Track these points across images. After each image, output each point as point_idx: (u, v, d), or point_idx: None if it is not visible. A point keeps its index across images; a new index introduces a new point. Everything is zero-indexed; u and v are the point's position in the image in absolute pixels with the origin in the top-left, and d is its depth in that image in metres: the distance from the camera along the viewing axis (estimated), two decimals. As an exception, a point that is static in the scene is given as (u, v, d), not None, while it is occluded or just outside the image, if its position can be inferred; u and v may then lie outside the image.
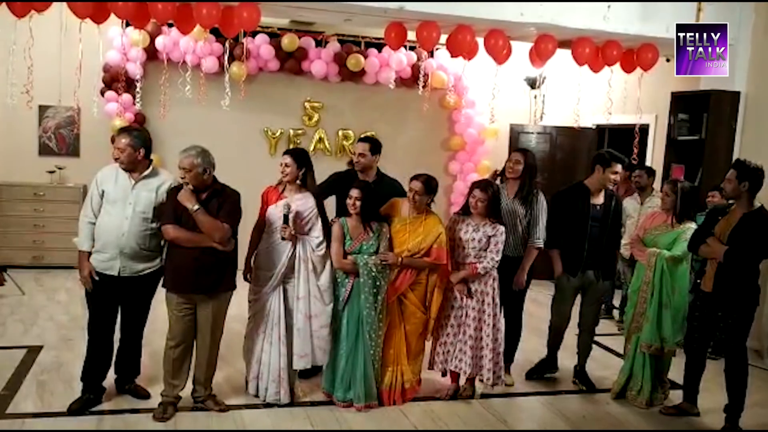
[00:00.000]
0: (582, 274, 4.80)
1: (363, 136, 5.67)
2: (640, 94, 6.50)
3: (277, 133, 8.14)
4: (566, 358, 5.13)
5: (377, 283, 4.27)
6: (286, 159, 4.26)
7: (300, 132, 8.23)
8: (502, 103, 7.15)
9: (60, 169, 7.62)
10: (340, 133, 8.35)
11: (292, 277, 4.23)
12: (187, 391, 4.17)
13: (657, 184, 6.50)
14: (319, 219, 4.28)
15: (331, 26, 7.90)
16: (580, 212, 4.74)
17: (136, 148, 3.96)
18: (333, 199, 4.80)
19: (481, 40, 6.11)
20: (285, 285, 4.25)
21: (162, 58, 7.04)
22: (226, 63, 6.30)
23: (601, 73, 6.50)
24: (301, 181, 4.28)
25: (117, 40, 6.95)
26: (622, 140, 7.46)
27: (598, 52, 6.28)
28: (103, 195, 3.99)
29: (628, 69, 6.48)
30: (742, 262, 4.15)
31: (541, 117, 8.88)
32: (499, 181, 4.88)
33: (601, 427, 4.40)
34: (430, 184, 4.41)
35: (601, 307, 5.37)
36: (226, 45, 5.98)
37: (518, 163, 4.78)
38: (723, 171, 4.42)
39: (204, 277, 3.92)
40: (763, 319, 5.63)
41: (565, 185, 5.14)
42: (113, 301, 4.08)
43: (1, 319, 5.77)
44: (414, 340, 4.49)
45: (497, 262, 4.45)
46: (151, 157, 4.13)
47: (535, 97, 8.86)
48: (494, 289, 4.51)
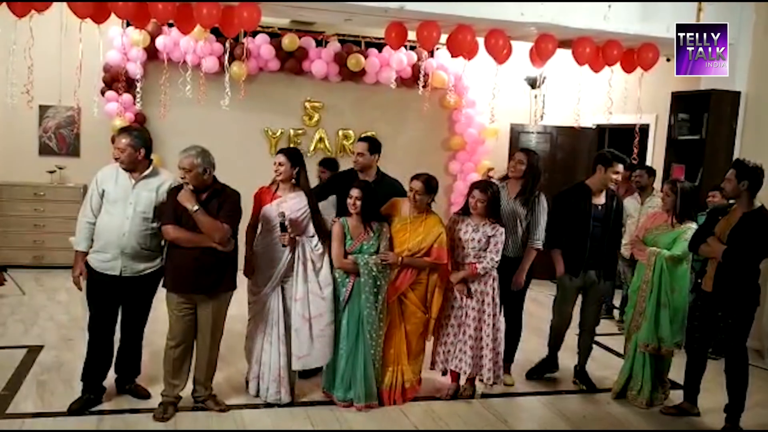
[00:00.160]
0: (584, 274, 4.80)
1: (363, 135, 5.67)
2: (641, 94, 6.49)
3: (278, 133, 8.14)
4: (567, 358, 5.13)
5: (378, 283, 4.27)
6: (280, 158, 4.26)
7: (300, 132, 8.24)
8: (502, 103, 7.15)
9: (60, 169, 7.63)
10: (341, 133, 8.35)
11: (291, 277, 4.23)
12: (187, 391, 4.17)
13: (657, 184, 6.50)
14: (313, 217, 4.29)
15: (332, 26, 7.90)
16: (582, 212, 4.73)
17: (137, 148, 3.96)
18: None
19: (481, 40, 6.11)
20: (283, 285, 4.26)
21: (162, 58, 7.04)
22: (226, 63, 6.30)
23: (601, 72, 6.50)
24: (295, 180, 4.28)
25: (117, 40, 6.96)
26: (622, 140, 7.45)
27: (598, 51, 6.28)
28: (103, 195, 3.99)
29: (628, 69, 6.47)
30: (741, 261, 4.14)
31: (542, 117, 8.87)
32: (500, 180, 4.87)
33: (602, 427, 4.40)
34: (430, 184, 4.41)
35: (602, 307, 5.36)
36: (227, 45, 5.98)
37: (521, 163, 4.77)
38: (723, 171, 4.41)
39: (204, 277, 3.92)
40: (764, 319, 5.63)
41: (565, 185, 5.14)
42: (114, 301, 4.08)
43: (2, 319, 5.78)
44: (414, 339, 4.49)
45: (497, 262, 4.44)
46: (152, 157, 4.13)
47: (536, 97, 8.86)
48: (494, 289, 4.50)
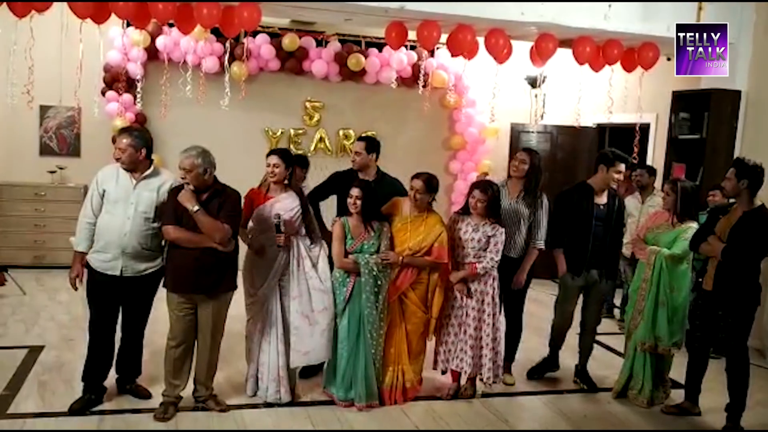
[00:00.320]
0: (586, 274, 4.79)
1: (362, 135, 5.67)
2: (641, 93, 6.48)
3: (278, 133, 8.13)
4: (567, 358, 5.13)
5: (378, 283, 4.27)
6: (275, 159, 4.22)
7: (301, 132, 8.23)
8: (502, 103, 7.14)
9: (61, 169, 7.63)
10: (341, 133, 8.35)
11: (287, 275, 4.24)
12: (188, 391, 4.17)
13: (658, 183, 6.50)
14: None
15: (332, 26, 7.90)
16: (584, 212, 4.73)
17: (138, 149, 3.96)
18: (333, 199, 4.82)
19: (481, 40, 6.10)
20: (281, 284, 4.26)
21: (163, 58, 7.04)
22: (226, 63, 6.30)
23: (601, 72, 6.49)
24: (287, 181, 4.28)
25: (118, 40, 6.95)
26: (622, 139, 7.44)
27: (598, 51, 6.27)
28: (104, 195, 3.99)
29: (628, 68, 6.47)
30: (740, 260, 4.14)
31: (542, 116, 8.87)
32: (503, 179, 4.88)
33: (603, 426, 4.40)
34: (431, 183, 4.41)
35: (603, 306, 5.36)
36: (227, 45, 5.98)
37: (524, 162, 4.77)
38: (724, 170, 4.41)
39: (204, 278, 3.92)
40: (765, 318, 5.62)
41: (566, 185, 5.14)
42: (114, 301, 4.08)
43: (3, 319, 5.78)
44: (415, 339, 4.49)
45: (497, 262, 4.44)
46: (152, 157, 4.13)
47: (536, 97, 8.85)
48: (494, 289, 4.50)
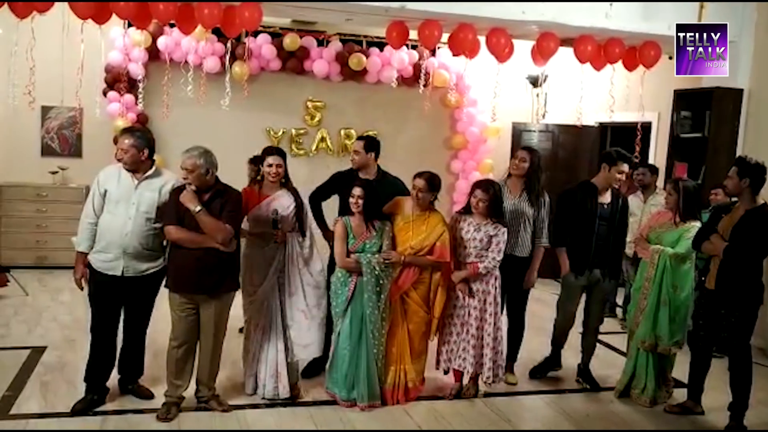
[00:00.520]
0: (588, 273, 4.79)
1: (361, 135, 5.66)
2: (643, 92, 6.46)
3: (279, 133, 8.14)
4: (570, 357, 5.12)
5: (380, 282, 4.26)
6: (277, 159, 4.24)
7: (302, 132, 8.23)
8: (504, 102, 7.14)
9: (63, 169, 7.63)
10: (342, 133, 8.35)
11: (284, 272, 4.26)
12: (190, 392, 4.17)
13: (660, 182, 6.49)
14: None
15: (333, 25, 7.90)
16: (587, 211, 4.72)
17: (140, 149, 3.96)
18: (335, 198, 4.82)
19: (482, 39, 6.10)
20: (279, 280, 4.29)
21: (164, 59, 7.05)
22: (227, 63, 6.30)
23: (603, 71, 6.48)
24: (284, 179, 4.31)
25: (119, 41, 6.96)
26: (624, 138, 7.43)
27: (600, 50, 6.26)
28: (105, 195, 3.99)
29: (630, 67, 6.46)
30: (742, 258, 4.13)
31: (544, 115, 8.87)
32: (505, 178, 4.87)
33: (605, 425, 4.39)
34: (433, 182, 4.40)
35: (606, 305, 5.34)
36: (228, 45, 5.97)
37: (524, 161, 4.77)
38: (726, 168, 4.39)
39: (206, 278, 3.91)
40: None
41: (567, 184, 5.13)
42: (116, 302, 4.07)
43: (5, 320, 5.78)
44: (417, 338, 4.48)
45: (498, 261, 4.44)
46: (154, 158, 4.13)
47: (537, 96, 8.85)
48: (496, 288, 4.50)
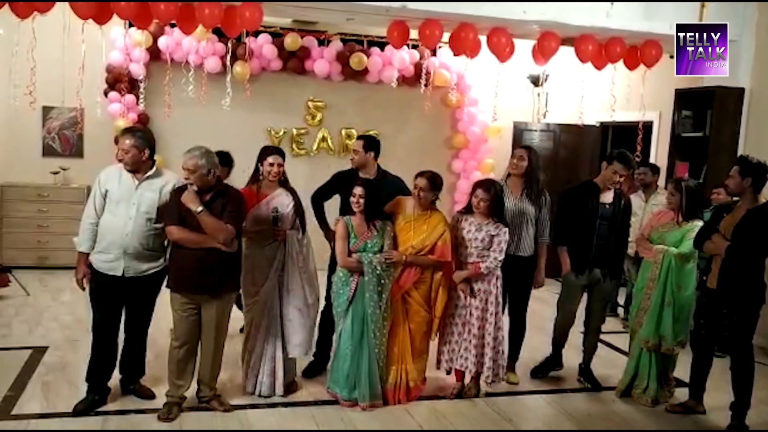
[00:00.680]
0: (589, 273, 4.79)
1: (361, 134, 5.66)
2: (644, 91, 6.46)
3: (280, 133, 8.13)
4: (571, 356, 5.12)
5: (382, 282, 4.26)
6: (278, 159, 4.29)
7: (303, 131, 8.23)
8: (505, 101, 7.14)
9: (64, 170, 7.63)
10: (343, 132, 8.33)
11: (284, 271, 4.28)
12: (191, 392, 4.17)
13: (661, 182, 6.48)
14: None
15: (334, 25, 7.89)
16: (589, 210, 4.72)
17: (141, 149, 3.96)
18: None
19: (483, 38, 6.10)
20: (279, 279, 4.30)
21: (165, 59, 7.05)
22: (228, 63, 6.30)
23: (604, 70, 6.48)
24: (284, 178, 4.35)
25: (120, 41, 6.97)
26: (625, 137, 7.43)
27: (601, 49, 6.26)
28: (106, 195, 3.99)
29: (631, 66, 6.45)
30: (745, 257, 4.13)
31: (545, 115, 8.86)
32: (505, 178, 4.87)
33: (607, 425, 4.39)
34: (435, 181, 4.40)
35: (607, 305, 5.34)
36: (229, 45, 5.98)
37: (522, 159, 4.77)
38: (727, 168, 4.39)
39: (208, 278, 3.91)
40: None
41: (569, 183, 5.14)
42: (117, 302, 4.08)
43: (6, 320, 5.78)
44: (418, 338, 4.48)
45: (500, 261, 4.43)
46: (155, 158, 4.13)
47: (539, 95, 8.85)
48: (497, 288, 4.49)
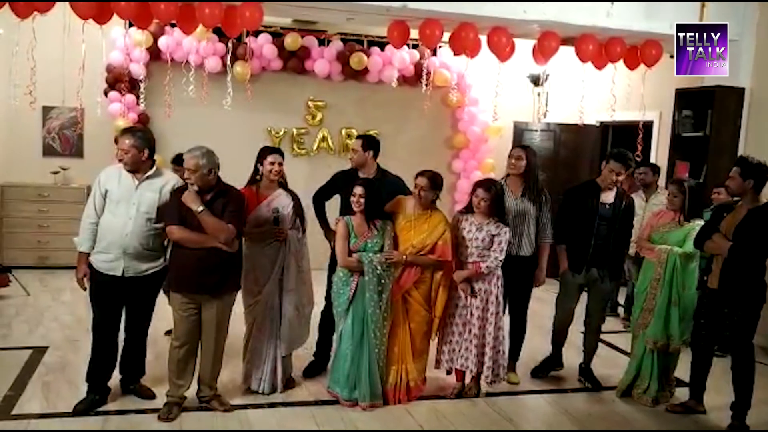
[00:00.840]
0: (586, 272, 4.78)
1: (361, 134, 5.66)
2: (644, 91, 6.46)
3: (281, 133, 8.13)
4: (571, 356, 5.12)
5: (382, 281, 4.26)
6: (278, 158, 4.33)
7: (303, 131, 8.23)
8: (505, 101, 7.13)
9: (64, 169, 7.63)
10: (344, 132, 8.33)
11: (284, 270, 4.30)
12: (192, 392, 4.17)
13: (662, 182, 6.48)
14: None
15: (334, 25, 7.89)
16: (588, 209, 4.72)
17: (141, 149, 3.96)
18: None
19: (484, 38, 6.10)
20: (280, 278, 4.32)
21: (165, 59, 7.05)
22: (228, 63, 6.30)
23: (604, 70, 6.48)
24: (283, 179, 4.38)
25: (120, 41, 6.97)
26: (626, 137, 7.43)
27: (601, 49, 6.26)
28: (106, 195, 3.99)
29: (631, 66, 6.45)
30: (747, 258, 4.13)
31: (545, 114, 8.86)
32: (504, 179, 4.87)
33: (607, 425, 4.39)
34: (435, 181, 4.40)
35: (607, 305, 5.33)
36: (229, 45, 5.98)
37: (520, 159, 4.76)
38: (728, 168, 4.39)
39: (208, 278, 3.91)
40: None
41: (569, 183, 5.14)
42: (117, 302, 4.08)
43: (7, 320, 5.79)
44: (418, 338, 4.48)
45: (501, 261, 4.43)
46: (155, 158, 4.13)
47: (539, 95, 8.84)
48: (498, 288, 4.49)
